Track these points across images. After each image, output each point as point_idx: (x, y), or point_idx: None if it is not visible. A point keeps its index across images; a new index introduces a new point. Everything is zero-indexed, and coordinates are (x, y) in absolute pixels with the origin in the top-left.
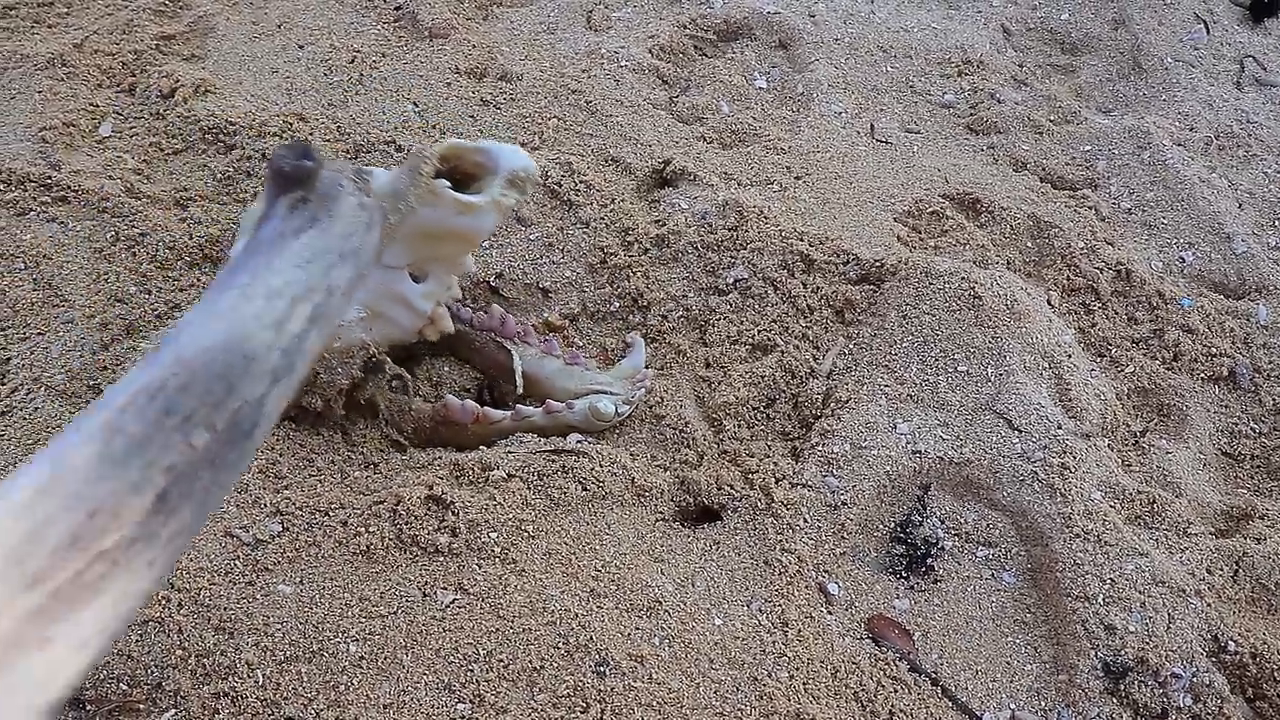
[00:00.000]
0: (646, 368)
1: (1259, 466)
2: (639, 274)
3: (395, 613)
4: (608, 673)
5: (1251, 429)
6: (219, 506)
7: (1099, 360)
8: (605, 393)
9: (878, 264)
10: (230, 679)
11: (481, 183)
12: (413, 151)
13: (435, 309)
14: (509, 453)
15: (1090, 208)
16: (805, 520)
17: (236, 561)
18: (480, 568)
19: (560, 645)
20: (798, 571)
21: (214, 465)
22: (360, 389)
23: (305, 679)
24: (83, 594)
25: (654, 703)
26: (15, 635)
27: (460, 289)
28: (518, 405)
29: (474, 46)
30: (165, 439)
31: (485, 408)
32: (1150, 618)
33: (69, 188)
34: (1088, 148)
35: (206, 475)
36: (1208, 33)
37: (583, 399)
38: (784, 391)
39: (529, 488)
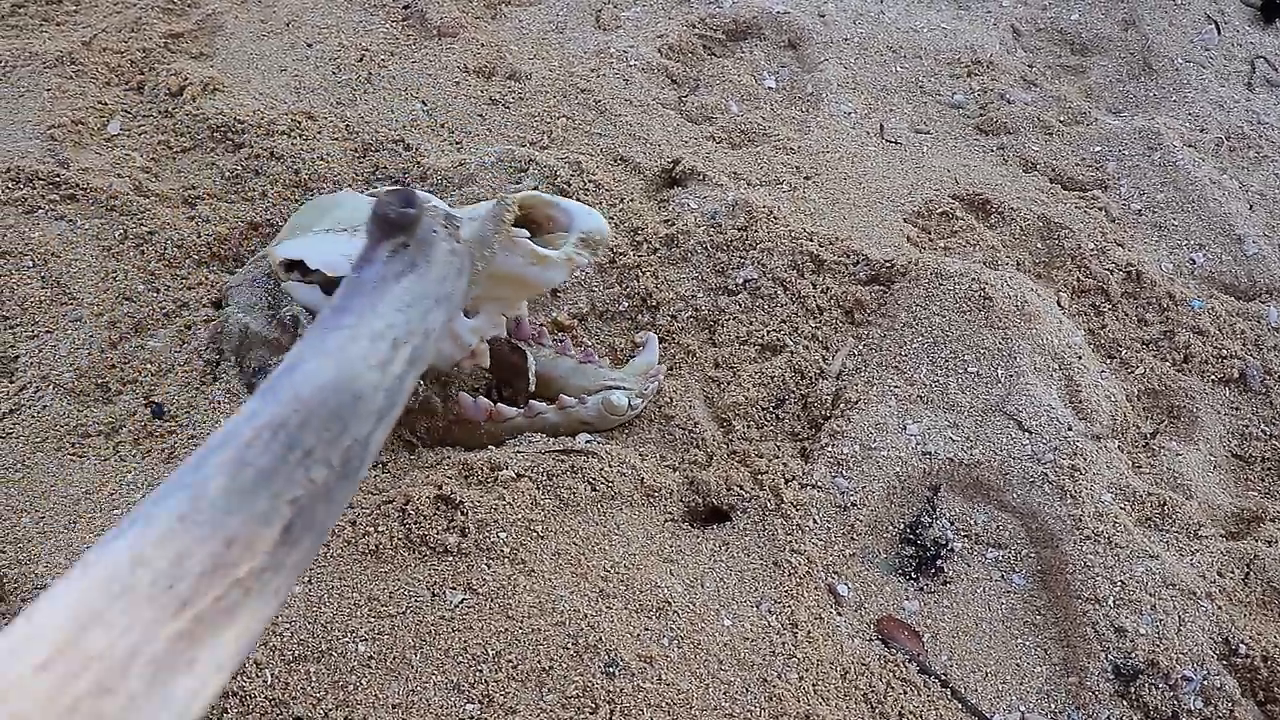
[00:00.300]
0: (659, 364)
1: (1270, 469)
2: (648, 274)
3: (404, 612)
4: (617, 673)
5: (1262, 431)
6: (328, 538)
7: (1109, 362)
8: (618, 387)
9: (888, 265)
10: (238, 679)
11: (551, 235)
12: (498, 198)
13: (478, 344)
14: (518, 452)
15: (1100, 209)
16: (815, 521)
17: None
18: (489, 568)
19: (569, 645)
20: (807, 572)
21: (329, 499)
22: None
23: (314, 678)
24: (222, 619)
25: (663, 703)
26: (165, 657)
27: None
28: (531, 402)
29: (482, 45)
30: (289, 473)
31: (498, 405)
32: (1161, 620)
33: (77, 185)
34: (1098, 149)
35: (323, 508)
36: (1219, 33)
37: (596, 394)
38: (793, 392)
39: (538, 488)
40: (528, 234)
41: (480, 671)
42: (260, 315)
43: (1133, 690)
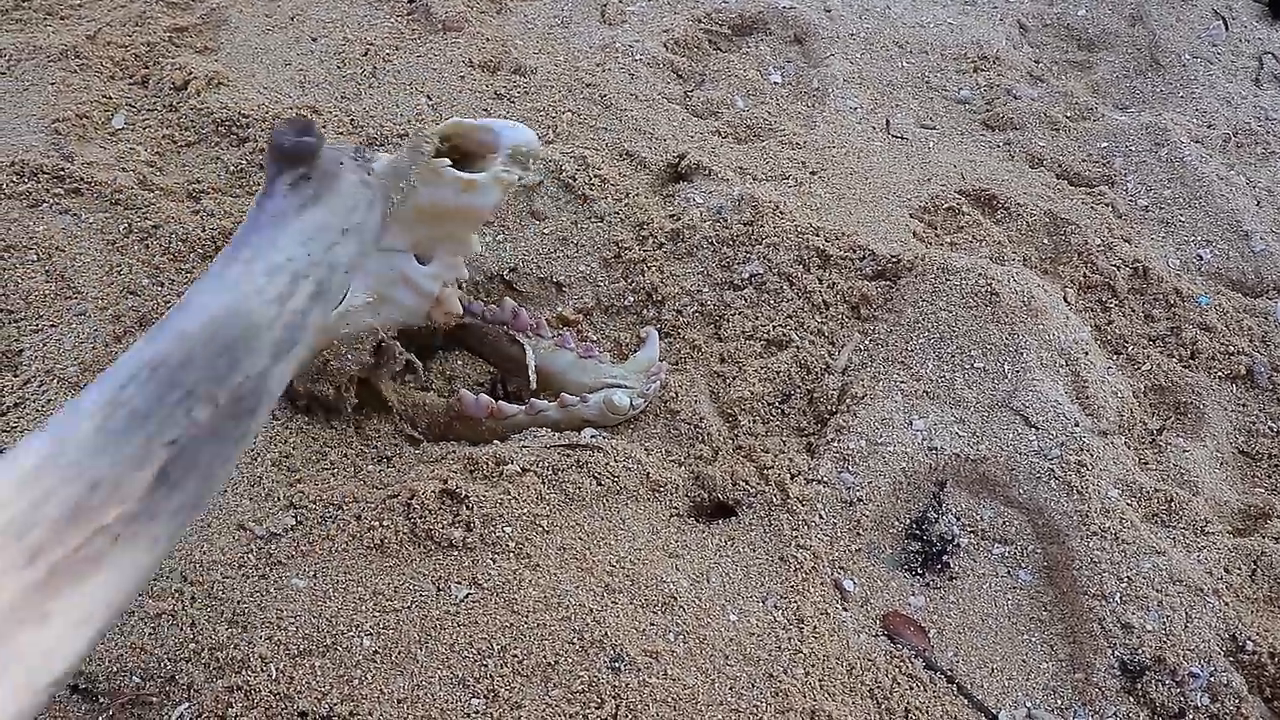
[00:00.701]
0: (661, 361)
1: (1277, 465)
2: (653, 269)
3: (409, 607)
4: (622, 668)
5: (1269, 427)
6: (223, 482)
7: (1116, 358)
8: (620, 386)
9: (894, 260)
10: (243, 673)
11: (485, 161)
12: (414, 131)
13: (442, 290)
14: (523, 447)
15: (1107, 205)
16: (820, 516)
17: (249, 555)
18: (494, 562)
19: (574, 640)
20: (813, 568)
21: (217, 440)
22: (371, 376)
23: (318, 673)
24: (83, 569)
25: (668, 699)
26: (15, 610)
27: (471, 278)
28: (531, 399)
29: (488, 40)
30: (167, 413)
31: (499, 402)
32: (1168, 616)
33: (82, 179)
34: (1104, 144)
35: (209, 450)
36: (1226, 29)
37: (597, 393)
38: (799, 387)
39: (543, 482)
40: (448, 161)
41: (485, 666)
42: None
43: (1139, 686)
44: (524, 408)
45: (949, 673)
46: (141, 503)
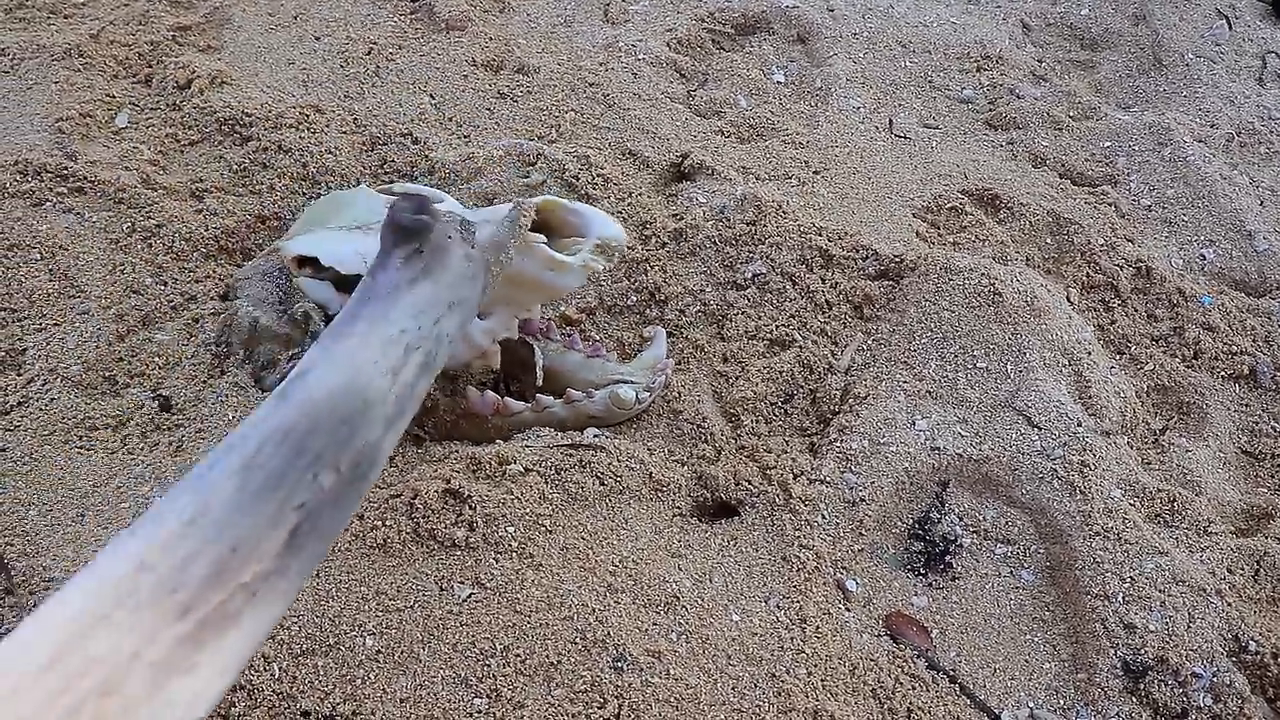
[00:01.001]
0: (667, 358)
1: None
2: (656, 268)
3: (412, 606)
4: (625, 668)
5: (1272, 428)
6: (331, 544)
7: (1118, 358)
8: (626, 381)
9: (897, 260)
10: (246, 672)
11: (566, 240)
12: (516, 203)
13: (490, 345)
14: (526, 446)
15: (1110, 204)
16: (823, 516)
17: None
18: (497, 562)
19: (577, 640)
20: (816, 568)
21: (337, 505)
22: None
23: (321, 672)
24: (225, 623)
25: (671, 698)
26: (167, 660)
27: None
28: (538, 396)
29: (491, 39)
30: (297, 478)
31: (505, 399)
32: (1170, 617)
33: (85, 178)
34: (1107, 144)
35: (330, 513)
36: (1229, 28)
37: (603, 388)
38: (802, 387)
39: (546, 482)
40: (544, 239)
41: (488, 666)
42: (270, 309)
43: (1142, 687)
44: (530, 404)
45: (951, 673)
46: (275, 561)
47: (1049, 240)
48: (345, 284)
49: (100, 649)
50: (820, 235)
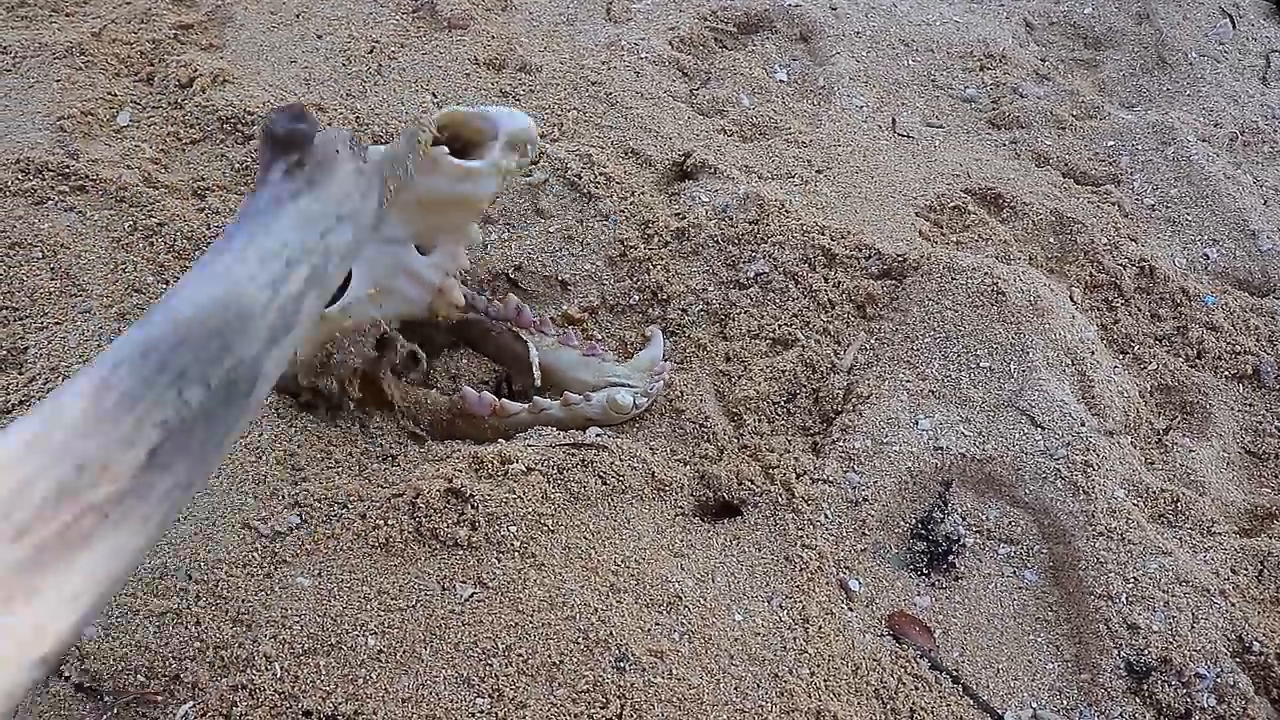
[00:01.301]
0: (665, 360)
1: None
2: (659, 267)
3: (414, 606)
4: (627, 668)
5: (1276, 427)
6: (216, 465)
7: (1122, 357)
8: (623, 385)
9: (900, 259)
10: (248, 671)
11: (482, 149)
12: (410, 119)
13: (444, 280)
14: (528, 446)
15: (1113, 203)
16: (826, 516)
17: (255, 553)
18: (499, 561)
19: (580, 640)
20: (818, 568)
21: (210, 422)
22: (375, 370)
23: (323, 672)
24: (72, 547)
25: (674, 699)
26: (9, 584)
27: (475, 276)
28: (535, 398)
29: (493, 37)
30: (158, 395)
31: (502, 400)
32: (1174, 617)
33: (87, 177)
34: (1111, 143)
35: (202, 432)
36: (1233, 27)
37: (600, 391)
38: (805, 386)
39: (548, 481)
40: (446, 149)
41: (490, 665)
42: None
43: (1146, 687)
44: (527, 406)
45: (954, 673)
46: (132, 482)
47: (1052, 239)
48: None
49: None
50: (823, 234)
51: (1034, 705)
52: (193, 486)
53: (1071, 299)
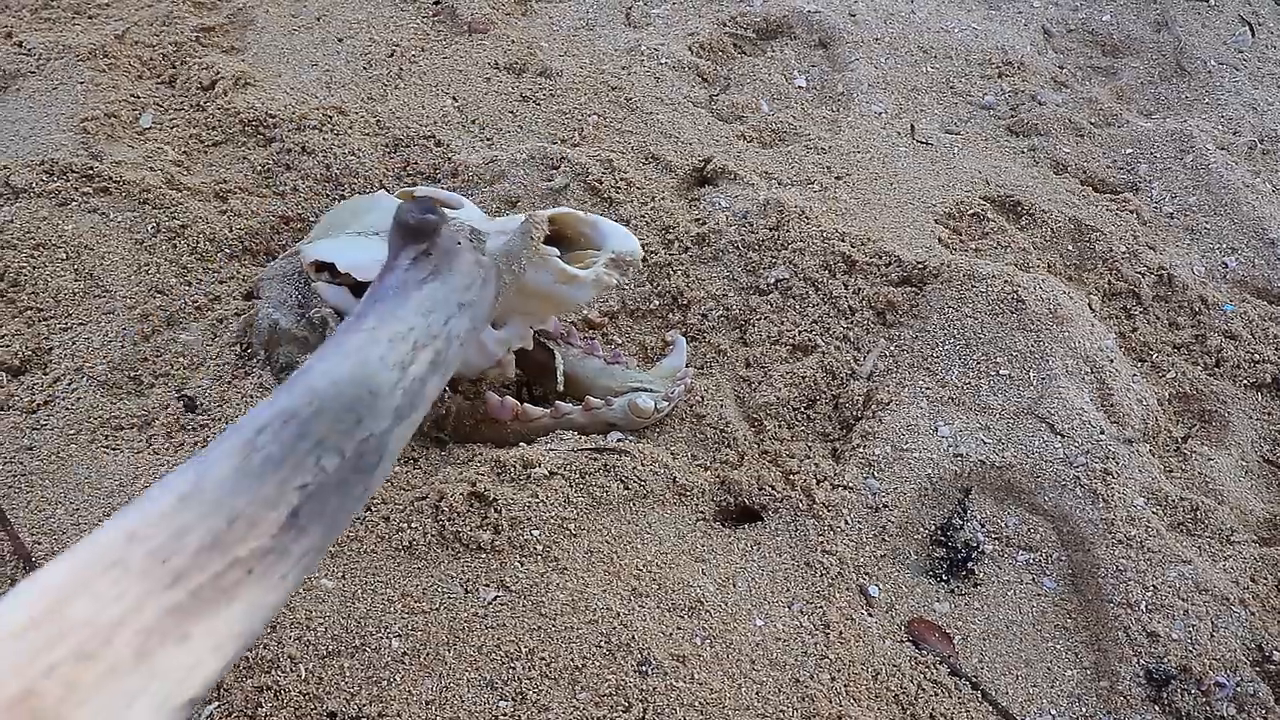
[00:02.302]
0: (687, 367)
1: None
2: (679, 273)
3: (437, 609)
4: (650, 672)
5: None
6: (343, 531)
7: (1140, 365)
8: (645, 389)
9: (919, 266)
10: (273, 673)
11: (581, 251)
12: (528, 215)
13: (505, 355)
14: (551, 450)
15: (1132, 211)
16: (846, 522)
17: None
18: (522, 565)
19: (602, 644)
20: (839, 573)
21: (341, 491)
22: None
23: (347, 674)
24: (220, 597)
25: (696, 703)
26: (156, 628)
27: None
28: (557, 403)
29: (513, 42)
30: (299, 460)
31: (525, 405)
32: (1193, 625)
33: (110, 179)
34: (1129, 151)
35: (334, 499)
36: (1252, 35)
37: (622, 396)
38: (825, 392)
39: (571, 486)
40: (558, 251)
41: (513, 669)
42: (290, 312)
43: (1165, 696)
44: (549, 410)
45: (974, 679)
46: (274, 540)
47: (1071, 247)
48: (361, 290)
49: (81, 614)
50: (843, 241)
51: (1053, 712)
52: (323, 550)
53: (1090, 307)
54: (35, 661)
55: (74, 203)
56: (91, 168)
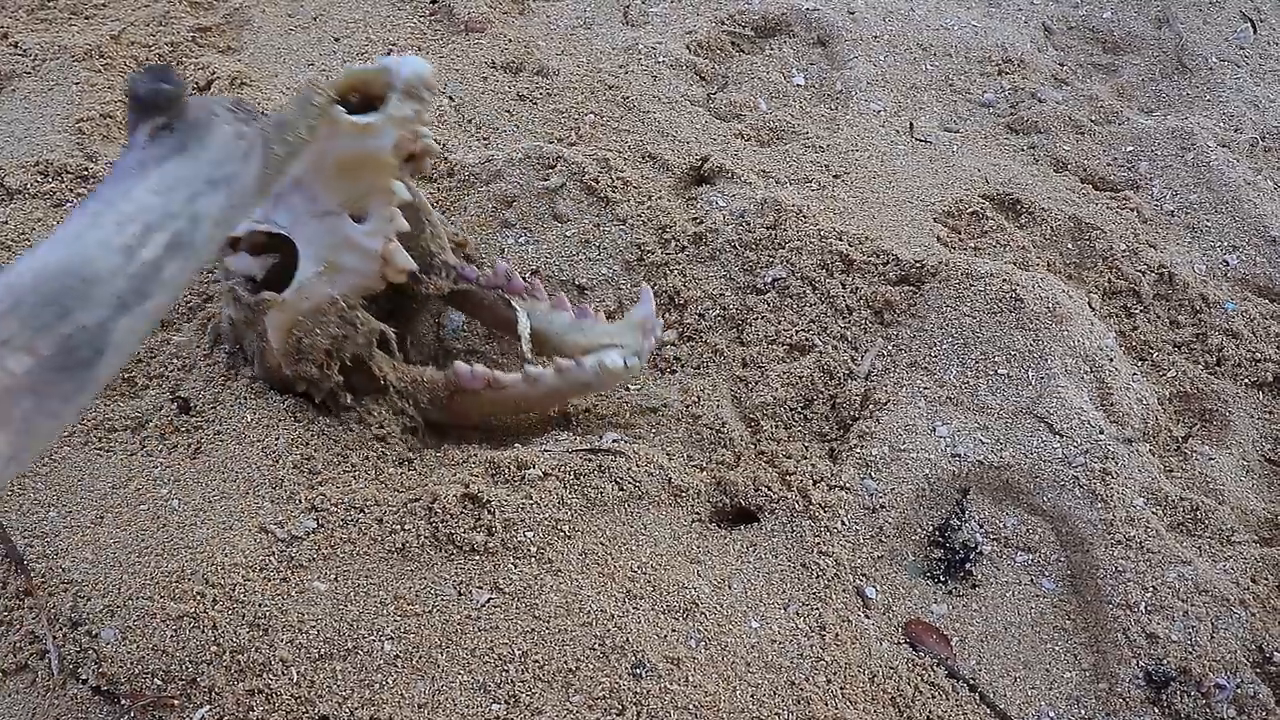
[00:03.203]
0: (657, 318)
1: None
2: (676, 272)
3: (430, 611)
4: (643, 675)
5: None
6: (52, 437)
7: (1141, 364)
8: (614, 346)
9: (918, 265)
10: (265, 676)
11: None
12: (304, 82)
13: (386, 246)
14: (545, 451)
15: (1132, 209)
16: (843, 523)
17: (271, 558)
18: (516, 567)
19: (596, 646)
20: (835, 575)
21: (39, 393)
22: (353, 351)
23: (340, 677)
24: None
25: (690, 706)
26: None
27: (463, 249)
28: (526, 367)
29: (510, 41)
30: None
31: (495, 372)
32: (1193, 627)
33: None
34: (1130, 148)
35: (28, 402)
36: (1254, 31)
37: (591, 355)
38: (822, 392)
39: (565, 487)
40: (342, 110)
41: (506, 671)
42: (230, 302)
43: (1164, 697)
44: (520, 376)
45: (971, 681)
46: None
47: (1070, 245)
48: (259, 248)
49: None
50: (841, 240)
51: (1051, 714)
52: (22, 461)
53: (1090, 305)
54: None
55: (69, 203)
56: (86, 168)
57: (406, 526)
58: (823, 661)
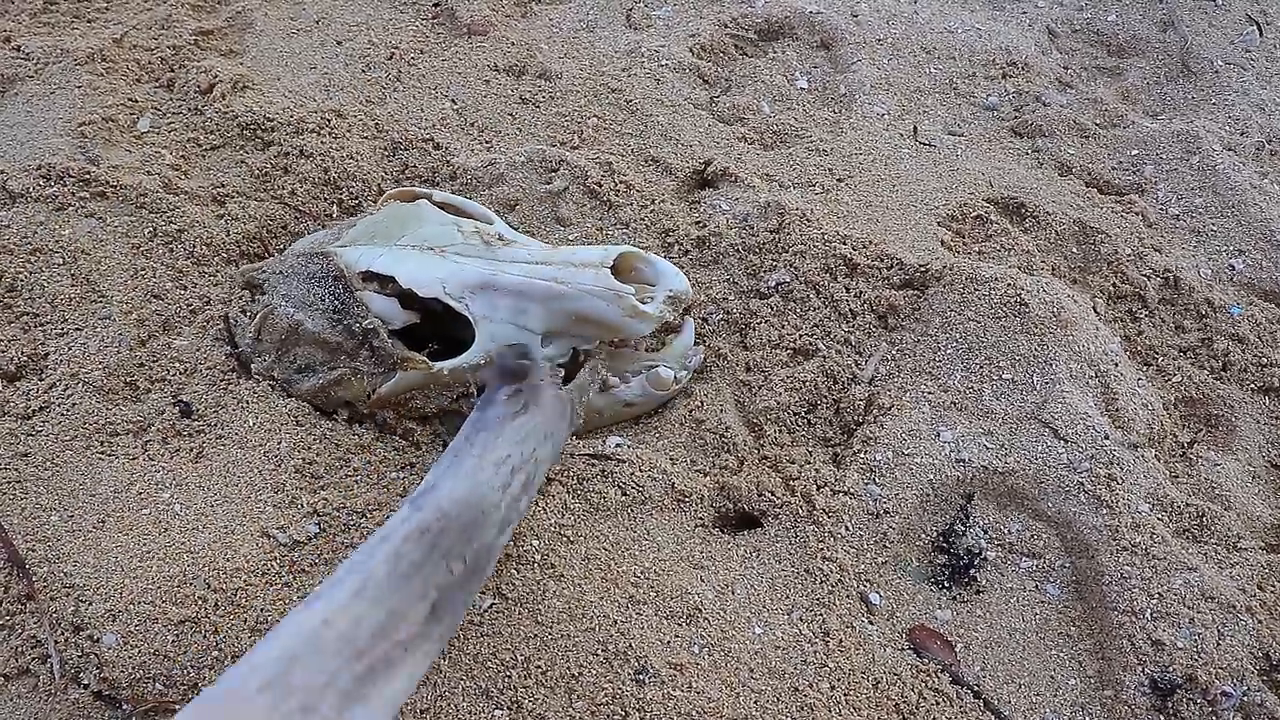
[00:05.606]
0: (696, 346)
1: None
2: None
3: None
4: (647, 681)
5: None
6: (462, 620)
7: (1146, 369)
8: (662, 364)
9: (922, 269)
10: None
11: (638, 286)
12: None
13: (550, 369)
14: None
15: (1137, 213)
16: (847, 528)
17: (273, 562)
18: (519, 573)
19: (599, 652)
20: (839, 580)
21: (463, 589)
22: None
23: None
24: (388, 669)
25: (693, 711)
26: (350, 690)
27: None
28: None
29: (513, 44)
30: (434, 565)
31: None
32: (1199, 634)
33: (107, 183)
34: (1135, 152)
35: (458, 594)
36: (1260, 35)
37: (639, 375)
38: (826, 397)
39: (568, 492)
40: (633, 289)
41: (509, 677)
42: (318, 315)
43: (1170, 705)
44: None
45: (976, 688)
46: (420, 627)
47: (1075, 250)
48: (410, 302)
49: (300, 680)
50: (844, 244)
51: None
52: (451, 633)
53: (1095, 310)
54: (274, 712)
55: (71, 207)
56: (89, 172)
57: None
58: (826, 667)
